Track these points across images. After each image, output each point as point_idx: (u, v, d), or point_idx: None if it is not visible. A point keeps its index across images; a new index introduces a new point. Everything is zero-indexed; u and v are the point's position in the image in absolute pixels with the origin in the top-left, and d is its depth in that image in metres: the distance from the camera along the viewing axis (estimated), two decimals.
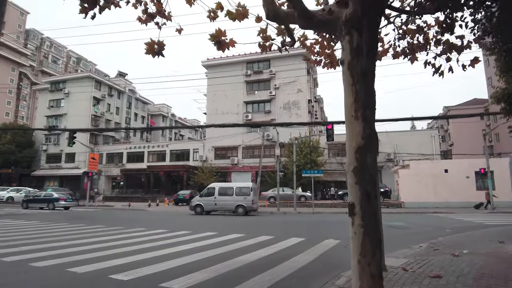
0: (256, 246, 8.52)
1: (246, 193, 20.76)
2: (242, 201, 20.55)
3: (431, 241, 8.67)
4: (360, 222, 3.17)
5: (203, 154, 41.54)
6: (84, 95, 48.40)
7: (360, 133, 3.18)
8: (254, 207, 21.30)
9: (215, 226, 13.61)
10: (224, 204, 21.18)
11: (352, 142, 3.23)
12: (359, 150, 3.18)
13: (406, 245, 8.57)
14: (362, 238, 3.12)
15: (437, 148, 34.42)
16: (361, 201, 3.20)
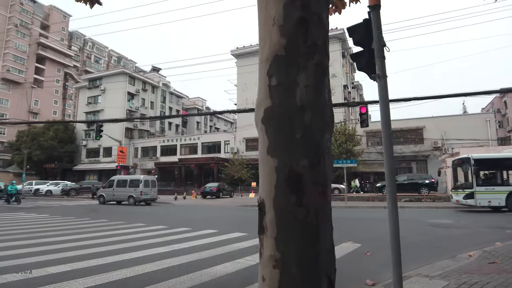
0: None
1: (136, 185, 22.74)
2: (132, 192, 22.61)
3: (484, 248, 6.40)
4: (272, 244, 1.44)
5: (234, 146, 40.32)
6: (119, 91, 49.12)
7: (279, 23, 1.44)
8: (149, 198, 23.10)
9: (243, 226, 12.05)
10: (119, 195, 23.31)
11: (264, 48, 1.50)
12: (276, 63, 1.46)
13: (449, 253, 6.42)
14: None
15: (493, 134, 30.31)
16: (277, 193, 1.49)
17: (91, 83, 52.77)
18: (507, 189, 15.45)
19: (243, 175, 35.74)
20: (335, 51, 36.83)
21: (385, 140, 3.86)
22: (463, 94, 12.71)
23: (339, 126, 31.54)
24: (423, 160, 32.08)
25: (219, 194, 29.45)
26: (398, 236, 3.63)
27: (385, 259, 5.92)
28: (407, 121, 33.30)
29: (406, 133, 33.02)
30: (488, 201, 15.52)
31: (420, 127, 32.28)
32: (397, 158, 33.04)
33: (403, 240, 8.07)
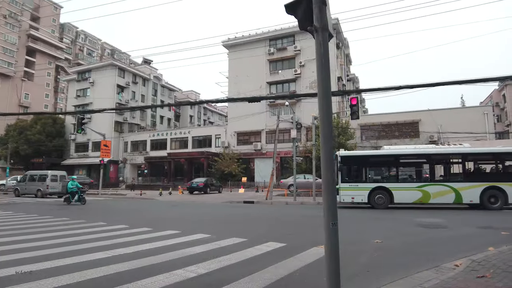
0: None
1: (43, 180, 25.32)
2: (40, 186, 25.22)
3: (473, 257, 5.38)
4: None
5: (225, 140, 39.26)
6: (108, 83, 47.88)
7: None
8: (56, 191, 25.09)
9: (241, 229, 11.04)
10: (30, 188, 26.02)
11: None
12: None
13: (433, 261, 5.44)
14: None
15: (490, 128, 29.33)
16: None
17: (80, 75, 51.44)
18: (369, 186, 15.77)
19: (233, 170, 34.73)
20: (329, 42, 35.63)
21: (323, 116, 2.89)
22: (460, 82, 11.61)
23: (332, 119, 30.44)
24: None
25: (206, 190, 28.43)
26: (336, 253, 2.77)
27: (355, 269, 4.93)
28: (402, 114, 32.30)
29: (402, 127, 32.02)
30: (352, 198, 15.91)
31: (416, 121, 31.28)
32: None
33: (383, 243, 7.11)
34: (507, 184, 14.44)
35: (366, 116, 37.66)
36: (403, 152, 16.65)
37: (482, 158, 16.09)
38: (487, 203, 14.55)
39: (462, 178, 15.26)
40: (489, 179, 15.11)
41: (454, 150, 16.50)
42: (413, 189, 15.36)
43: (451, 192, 14.97)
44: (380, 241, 7.15)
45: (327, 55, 2.94)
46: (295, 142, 21.59)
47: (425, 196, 15.16)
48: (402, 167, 16.80)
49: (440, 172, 16.50)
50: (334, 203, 2.98)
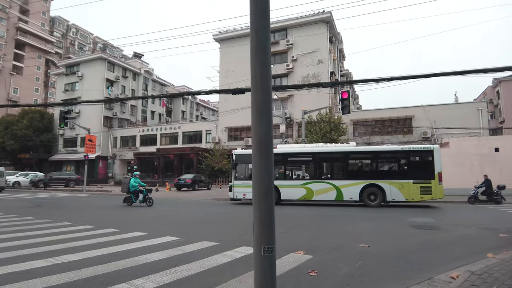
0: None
1: None
2: None
3: (471, 267, 4.64)
4: None
5: (216, 136, 38.40)
6: (97, 77, 46.72)
7: None
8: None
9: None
10: None
11: None
12: None
13: (425, 270, 4.70)
14: None
15: (485, 124, 28.77)
16: None
17: (68, 69, 50.14)
18: None
19: (223, 166, 33.90)
20: (322, 36, 34.89)
21: (256, 78, 2.19)
22: (454, 73, 10.88)
23: (324, 114, 29.75)
24: None
25: (194, 186, 27.59)
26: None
27: (335, 282, 4.16)
28: (395, 110, 31.66)
29: (395, 123, 31.38)
30: (243, 194, 16.50)
31: (409, 116, 30.64)
32: None
33: (370, 248, 6.34)
34: (385, 182, 14.90)
35: (359, 112, 37.01)
36: (291, 151, 17.12)
37: (362, 156, 16.48)
38: (366, 200, 15.02)
39: (343, 176, 15.75)
40: (368, 177, 15.46)
41: (336, 149, 17.09)
42: (298, 186, 15.91)
43: (333, 190, 15.45)
44: (367, 245, 6.40)
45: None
46: (284, 138, 20.80)
47: (309, 193, 15.70)
48: (290, 165, 17.09)
49: (324, 170, 16.74)
50: (270, 215, 2.35)
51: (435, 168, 14.66)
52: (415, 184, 14.64)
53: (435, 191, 14.48)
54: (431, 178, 14.59)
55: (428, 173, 14.67)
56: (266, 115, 2.19)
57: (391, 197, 14.87)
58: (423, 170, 14.93)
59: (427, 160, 15.00)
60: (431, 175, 14.60)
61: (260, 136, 2.15)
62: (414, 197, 14.65)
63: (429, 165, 14.81)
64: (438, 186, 14.55)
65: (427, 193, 14.55)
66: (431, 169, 14.69)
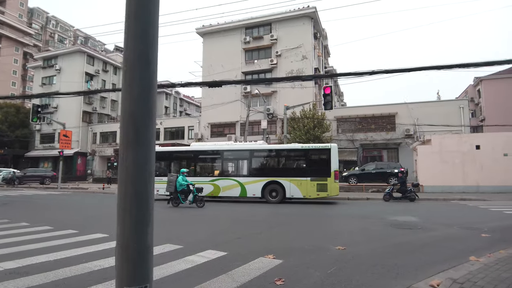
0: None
1: None
2: None
3: (452, 272, 4.22)
4: None
5: (199, 132, 37.63)
6: (76, 71, 45.18)
7: None
8: None
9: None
10: None
11: None
12: None
13: (404, 277, 4.28)
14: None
15: (466, 122, 28.97)
16: None
17: (45, 62, 48.35)
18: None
19: None
20: (306, 31, 34.48)
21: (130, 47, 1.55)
22: (436, 67, 10.55)
23: (308, 111, 29.39)
24: (395, 148, 30.54)
25: None
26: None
27: None
28: (379, 107, 31.58)
29: (378, 120, 31.30)
30: (157, 190, 16.43)
31: (392, 114, 30.60)
32: (368, 146, 31.38)
33: (347, 250, 5.90)
34: (285, 179, 15.32)
35: (342, 109, 36.85)
36: (201, 149, 17.78)
37: (265, 155, 16.96)
38: (268, 196, 15.46)
39: (247, 173, 16.17)
40: (270, 174, 15.87)
41: (241, 147, 17.39)
42: (207, 183, 16.21)
43: (238, 186, 15.91)
44: (343, 247, 5.95)
45: None
46: (265, 134, 20.32)
47: (216, 189, 16.19)
48: (200, 162, 17.64)
49: (230, 167, 17.14)
50: (143, 235, 1.76)
51: (331, 166, 14.98)
52: (312, 182, 15.05)
53: (330, 189, 14.86)
54: (327, 176, 14.92)
55: (325, 171, 15.00)
56: (143, 74, 1.60)
57: (290, 194, 15.26)
58: (320, 168, 15.24)
59: (324, 159, 15.34)
60: (328, 173, 14.94)
61: (131, 111, 1.55)
62: (311, 194, 15.06)
63: (325, 163, 15.14)
64: (334, 183, 14.87)
65: (323, 190, 14.92)
66: (327, 167, 15.00)
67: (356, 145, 31.26)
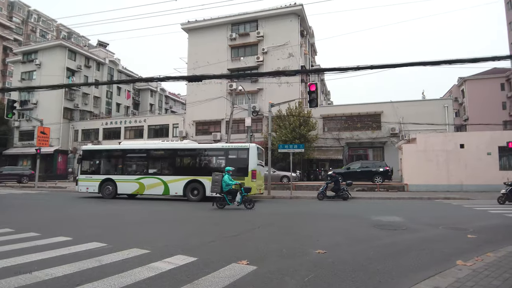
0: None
1: None
2: None
3: (439, 279, 3.87)
4: None
5: (183, 130, 36.95)
6: (56, 66, 43.84)
7: None
8: None
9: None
10: None
11: None
12: None
13: (385, 284, 3.93)
14: None
15: (450, 120, 29.15)
16: None
17: (25, 56, 46.80)
18: (100, 177, 17.18)
19: None
20: (293, 29, 34.16)
21: None
22: (421, 63, 10.27)
23: (294, 109, 29.08)
24: (380, 147, 30.52)
25: None
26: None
27: None
28: (365, 106, 31.54)
29: (364, 118, 31.23)
30: (86, 188, 17.33)
31: (378, 112, 30.56)
32: (354, 145, 31.28)
33: (327, 254, 5.40)
34: (206, 178, 15.33)
35: (329, 107, 36.74)
36: (128, 147, 18.39)
37: (187, 154, 17.30)
38: (189, 195, 15.77)
39: (171, 172, 16.52)
40: (191, 173, 16.18)
41: (166, 146, 17.81)
42: (133, 181, 16.68)
43: (161, 185, 16.22)
44: (324, 251, 5.56)
45: None
46: (249, 131, 19.90)
47: (141, 187, 16.51)
48: (128, 161, 17.93)
49: (155, 166, 17.44)
50: None
51: (249, 165, 15.31)
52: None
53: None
54: (245, 175, 15.20)
55: (243, 170, 15.31)
56: None
57: (209, 193, 15.09)
58: (239, 167, 15.37)
59: (242, 158, 15.61)
60: (245, 172, 15.26)
61: None
62: None
63: (244, 162, 15.45)
64: (251, 182, 15.09)
65: None
66: (245, 167, 15.33)
67: (342, 144, 31.12)
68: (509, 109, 45.47)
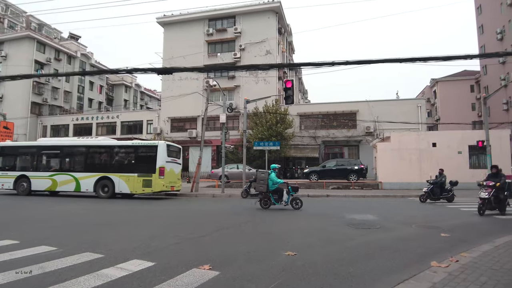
0: None
1: None
2: None
3: (414, 284, 3.60)
4: None
5: (158, 126, 35.98)
6: (24, 59, 41.64)
7: None
8: None
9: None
10: None
11: None
12: None
13: None
14: None
15: (423, 120, 29.73)
16: None
17: None
18: (16, 174, 16.99)
19: None
20: (271, 26, 33.87)
21: None
22: (400, 60, 10.13)
23: (271, 106, 28.83)
24: (355, 146, 30.75)
25: None
26: None
27: None
28: (341, 104, 31.72)
29: (340, 117, 31.38)
30: (1, 185, 17.07)
31: (354, 111, 30.79)
32: (330, 143, 31.36)
33: (298, 256, 4.82)
34: (115, 175, 15.63)
35: (305, 105, 36.79)
36: (43, 144, 18.16)
37: (98, 151, 17.20)
38: (100, 191, 15.71)
39: (82, 169, 16.43)
40: (102, 169, 16.15)
41: (78, 143, 17.66)
42: (46, 177, 16.54)
43: (73, 181, 16.16)
44: (293, 253, 5.22)
45: None
46: (224, 128, 19.46)
47: (53, 184, 16.41)
48: (42, 157, 17.81)
49: (68, 163, 17.34)
50: None
51: (157, 163, 15.36)
52: (139, 178, 15.39)
53: (154, 185, 15.21)
54: (153, 172, 15.27)
55: (151, 167, 15.36)
56: None
57: (119, 189, 15.56)
58: (147, 164, 15.55)
59: (151, 155, 15.64)
60: (153, 169, 15.30)
61: None
62: (137, 190, 15.41)
63: (152, 160, 15.47)
64: (158, 179, 15.21)
65: (148, 186, 15.28)
66: (153, 164, 15.37)
67: (318, 142, 31.15)
68: (478, 110, 47.00)
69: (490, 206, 10.14)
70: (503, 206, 10.36)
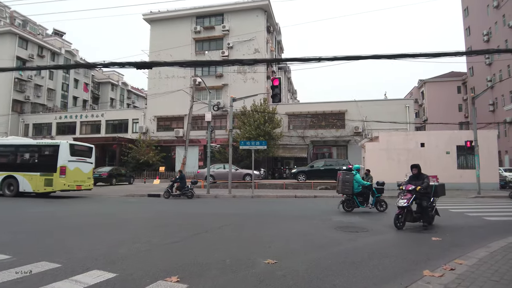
0: None
1: None
2: None
3: None
4: None
5: (144, 125, 35.19)
6: (5, 55, 40.25)
7: None
8: None
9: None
10: None
11: None
12: None
13: None
14: None
15: (411, 120, 29.69)
16: None
17: None
18: None
19: (150, 159, 31.05)
20: (259, 24, 33.43)
21: None
22: (388, 56, 9.78)
23: (259, 105, 28.38)
24: (344, 146, 30.52)
25: (111, 181, 24.54)
26: None
27: None
28: (330, 104, 31.45)
29: (329, 117, 31.11)
30: None
31: (342, 111, 30.56)
32: (318, 143, 31.06)
33: (278, 265, 4.22)
34: (19, 174, 15.87)
35: (294, 105, 36.51)
36: None
37: (4, 150, 17.16)
38: (5, 190, 15.86)
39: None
40: (7, 169, 16.27)
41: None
42: None
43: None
44: (274, 261, 4.74)
45: None
46: (209, 127, 18.91)
47: None
48: None
49: None
50: None
51: (58, 162, 15.51)
52: (41, 177, 15.58)
53: (55, 184, 15.37)
54: (54, 171, 15.44)
55: (52, 166, 15.54)
56: None
57: (23, 188, 15.75)
58: (49, 163, 15.72)
59: (53, 155, 15.85)
60: (54, 168, 15.46)
61: None
62: (39, 189, 15.60)
63: (54, 159, 15.65)
64: (59, 179, 15.36)
65: (49, 185, 15.46)
66: (55, 163, 15.54)
67: (306, 142, 30.83)
68: (465, 111, 47.40)
69: (411, 216, 7.83)
70: (428, 216, 7.95)
